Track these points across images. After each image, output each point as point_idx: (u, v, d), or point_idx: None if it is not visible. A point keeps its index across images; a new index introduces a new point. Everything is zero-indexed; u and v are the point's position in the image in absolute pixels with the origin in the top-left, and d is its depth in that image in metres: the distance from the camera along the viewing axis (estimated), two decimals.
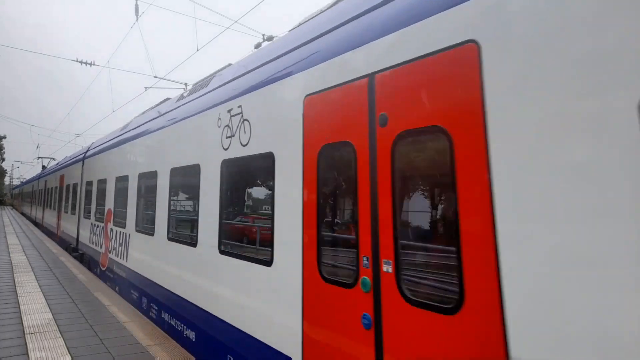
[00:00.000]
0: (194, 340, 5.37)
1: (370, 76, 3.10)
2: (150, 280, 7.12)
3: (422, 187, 2.89)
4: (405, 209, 2.83)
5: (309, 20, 4.62)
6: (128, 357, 5.29)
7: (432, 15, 2.74)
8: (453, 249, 2.39)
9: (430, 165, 2.84)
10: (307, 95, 3.69)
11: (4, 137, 67.84)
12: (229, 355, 4.47)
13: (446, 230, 2.57)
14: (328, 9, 4.36)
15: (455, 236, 2.38)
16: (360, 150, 3.06)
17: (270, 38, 9.71)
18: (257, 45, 7.45)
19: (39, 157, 33.53)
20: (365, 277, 2.92)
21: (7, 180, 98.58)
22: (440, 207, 2.71)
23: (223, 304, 4.70)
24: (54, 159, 34.46)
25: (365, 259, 2.94)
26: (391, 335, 2.69)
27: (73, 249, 15.00)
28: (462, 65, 2.48)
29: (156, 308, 6.77)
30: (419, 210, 2.80)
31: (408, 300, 2.60)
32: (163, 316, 6.42)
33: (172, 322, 6.08)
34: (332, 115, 3.38)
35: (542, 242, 2.01)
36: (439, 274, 2.61)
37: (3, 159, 71.55)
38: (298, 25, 4.81)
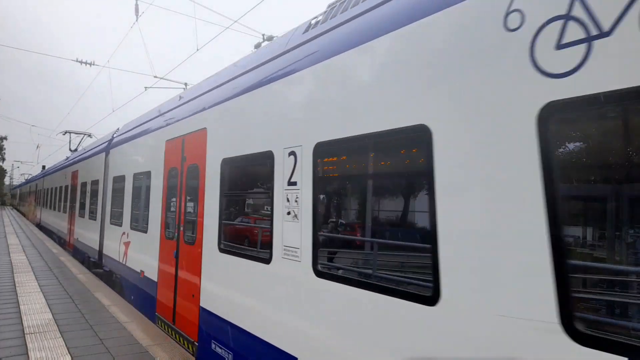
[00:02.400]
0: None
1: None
2: None
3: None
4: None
5: None
6: (128, 357, 5.29)
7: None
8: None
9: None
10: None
11: (5, 138, 67.76)
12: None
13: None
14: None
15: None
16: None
17: (270, 38, 9.71)
18: (257, 45, 7.44)
19: (65, 132, 23.61)
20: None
21: (7, 181, 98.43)
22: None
23: None
24: (90, 135, 23.38)
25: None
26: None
27: None
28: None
29: None
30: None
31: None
32: None
33: None
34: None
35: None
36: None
37: (3, 159, 71.42)
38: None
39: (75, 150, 23.11)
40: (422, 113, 2.77)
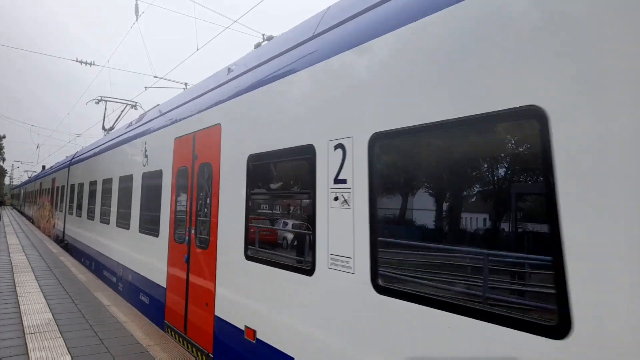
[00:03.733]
0: None
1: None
2: None
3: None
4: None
5: None
6: (128, 357, 5.28)
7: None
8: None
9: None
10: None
11: (4, 137, 67.74)
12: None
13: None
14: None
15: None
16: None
17: (270, 37, 9.70)
18: (257, 45, 7.44)
19: (100, 99, 16.03)
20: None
21: (7, 181, 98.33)
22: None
23: None
24: (134, 105, 16.16)
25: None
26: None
27: None
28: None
29: None
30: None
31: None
32: None
33: None
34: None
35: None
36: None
37: (3, 159, 71.37)
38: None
39: (112, 129, 14.98)
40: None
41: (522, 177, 2.37)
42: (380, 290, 2.92)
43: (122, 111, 15.63)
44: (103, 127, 16.53)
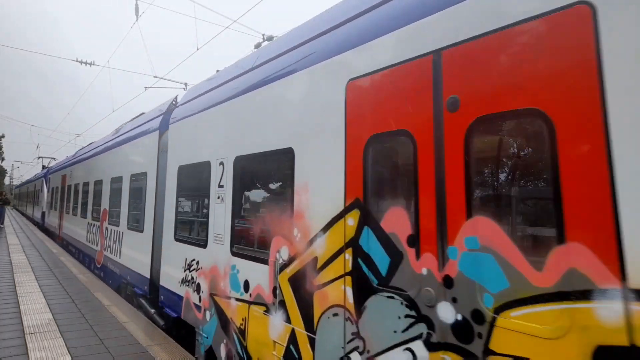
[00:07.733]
0: None
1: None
2: None
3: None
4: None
5: None
6: (128, 357, 5.29)
7: None
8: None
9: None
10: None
11: (3, 137, 67.54)
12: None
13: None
14: None
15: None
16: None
17: (270, 38, 9.70)
18: (257, 45, 7.44)
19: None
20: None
21: (7, 181, 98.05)
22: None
23: None
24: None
25: None
26: None
27: None
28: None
29: None
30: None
31: None
32: None
33: None
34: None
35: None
36: None
37: (3, 159, 71.15)
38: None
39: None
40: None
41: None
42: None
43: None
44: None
